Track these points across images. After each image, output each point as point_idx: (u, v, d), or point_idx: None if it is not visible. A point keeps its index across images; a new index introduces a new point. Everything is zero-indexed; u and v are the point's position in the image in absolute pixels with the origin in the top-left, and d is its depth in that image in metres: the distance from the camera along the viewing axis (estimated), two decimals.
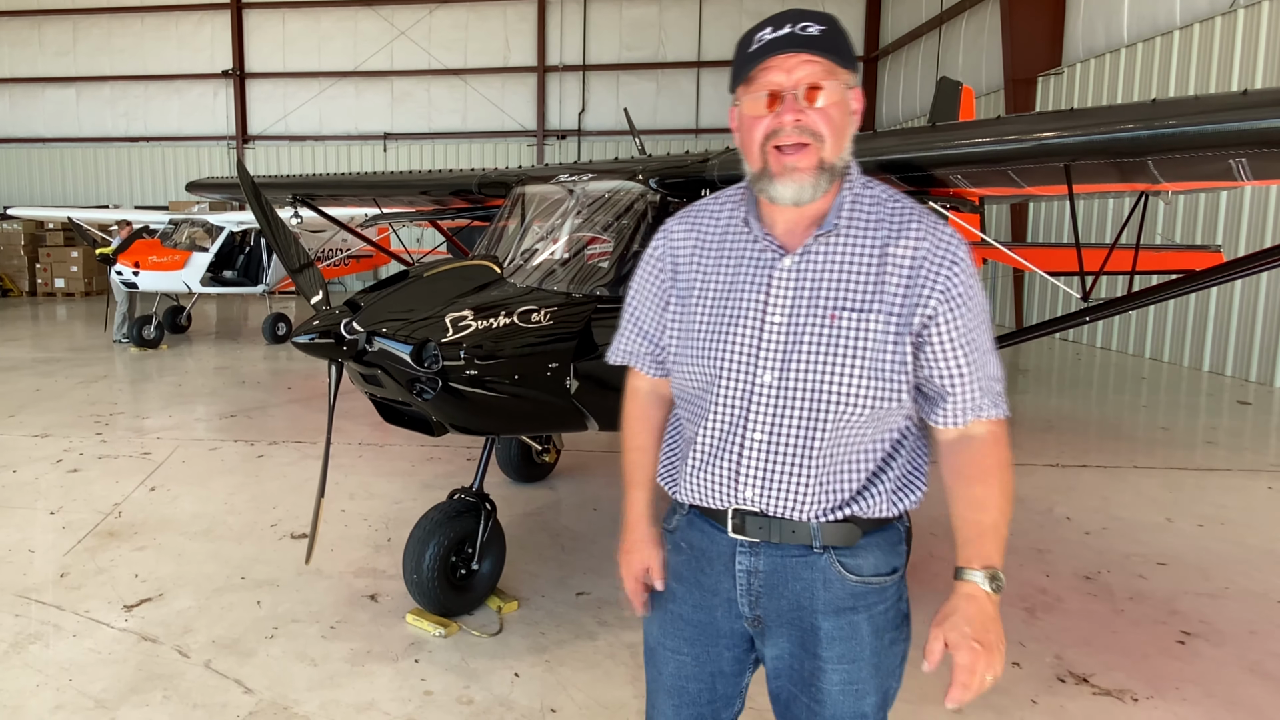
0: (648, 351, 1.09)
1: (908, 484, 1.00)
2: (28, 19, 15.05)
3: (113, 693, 2.05)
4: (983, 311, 0.95)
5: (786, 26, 0.89)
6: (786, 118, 0.89)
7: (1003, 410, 0.97)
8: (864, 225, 0.95)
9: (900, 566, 1.01)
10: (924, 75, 11.93)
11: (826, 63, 0.89)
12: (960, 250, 0.93)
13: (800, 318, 0.93)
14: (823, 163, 0.91)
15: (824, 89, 0.89)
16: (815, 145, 0.90)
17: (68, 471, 3.95)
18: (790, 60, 0.89)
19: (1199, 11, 7.08)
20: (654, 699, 1.10)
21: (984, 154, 2.22)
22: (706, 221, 1.04)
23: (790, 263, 0.95)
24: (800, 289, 0.94)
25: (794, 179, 0.90)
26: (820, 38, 0.89)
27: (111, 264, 7.65)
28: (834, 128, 0.90)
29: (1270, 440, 4.88)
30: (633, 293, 1.10)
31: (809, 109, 0.89)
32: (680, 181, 2.58)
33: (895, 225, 0.94)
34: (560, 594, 2.62)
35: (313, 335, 2.04)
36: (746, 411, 0.95)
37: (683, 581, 1.05)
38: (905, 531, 1.03)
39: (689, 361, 1.00)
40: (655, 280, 1.06)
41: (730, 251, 1.00)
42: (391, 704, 2.01)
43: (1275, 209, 6.29)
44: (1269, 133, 1.69)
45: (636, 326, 1.09)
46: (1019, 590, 2.68)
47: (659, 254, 1.06)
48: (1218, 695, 2.07)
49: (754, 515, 0.98)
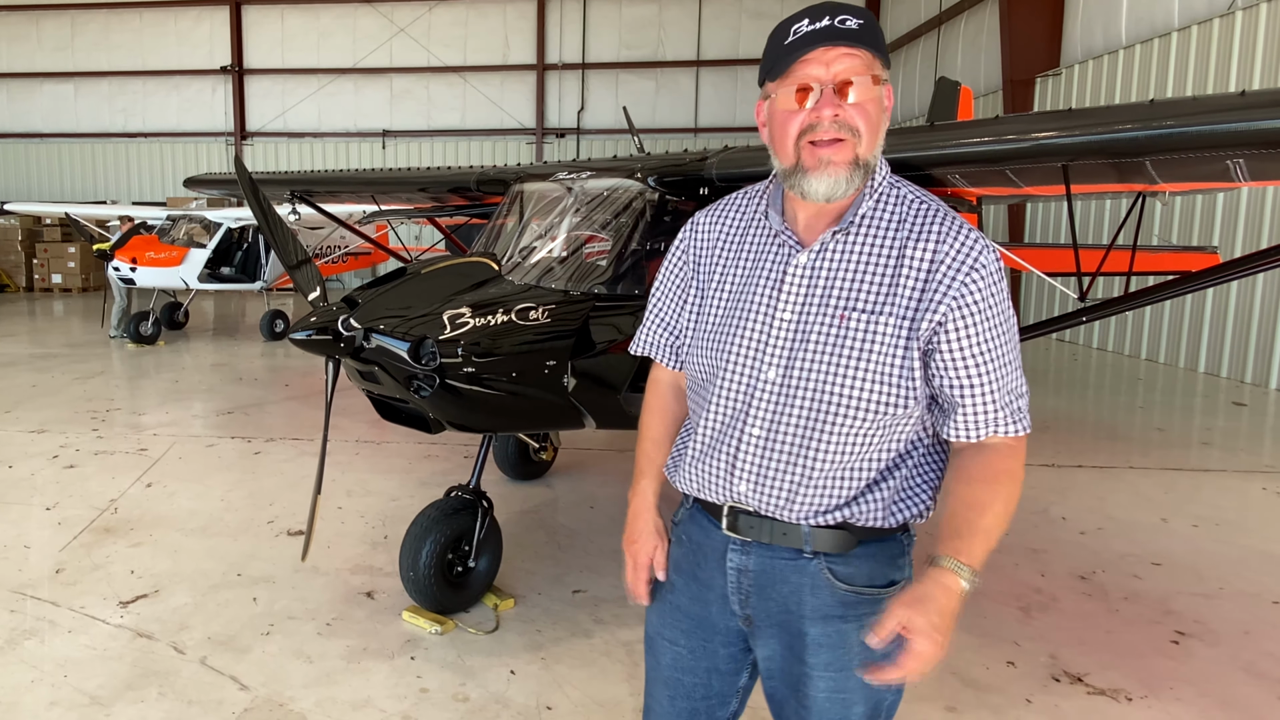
0: (668, 343, 1.09)
1: (910, 495, 0.97)
2: (25, 13, 14.98)
3: (108, 689, 2.04)
4: (1005, 322, 0.90)
5: (825, 19, 0.87)
6: (825, 112, 0.87)
7: (1024, 426, 0.92)
8: (885, 224, 0.93)
9: (901, 580, 0.98)
10: (923, 75, 11.93)
11: (866, 56, 0.87)
12: (984, 256, 0.89)
13: (811, 315, 0.92)
14: (858, 159, 0.89)
15: (862, 84, 0.87)
16: (852, 141, 0.88)
17: (64, 467, 3.94)
18: (830, 53, 0.86)
19: (1197, 13, 7.09)
20: (651, 688, 1.10)
21: (982, 154, 2.22)
22: (731, 215, 1.04)
23: (805, 259, 0.94)
24: (814, 286, 0.93)
25: (829, 173, 0.88)
26: (860, 31, 0.87)
27: (109, 260, 7.63)
28: (870, 123, 0.88)
29: (1265, 442, 4.89)
30: (657, 284, 1.10)
31: (846, 104, 0.87)
32: (678, 180, 2.59)
33: (917, 226, 0.92)
34: (557, 591, 2.62)
35: (310, 332, 2.04)
36: (748, 406, 0.95)
37: (682, 573, 1.06)
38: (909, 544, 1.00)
39: (698, 351, 1.01)
40: (678, 272, 1.07)
41: (751, 245, 0.99)
42: (387, 701, 2.01)
43: (1271, 211, 6.30)
44: (1266, 133, 1.70)
45: (659, 318, 1.09)
46: (1014, 590, 2.68)
47: (684, 246, 1.07)
48: (1211, 695, 2.08)
49: (747, 514, 0.97)
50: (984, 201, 4.72)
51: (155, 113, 15.22)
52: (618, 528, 3.37)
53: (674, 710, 1.06)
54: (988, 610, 2.53)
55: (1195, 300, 7.04)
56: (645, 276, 2.50)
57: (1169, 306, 7.36)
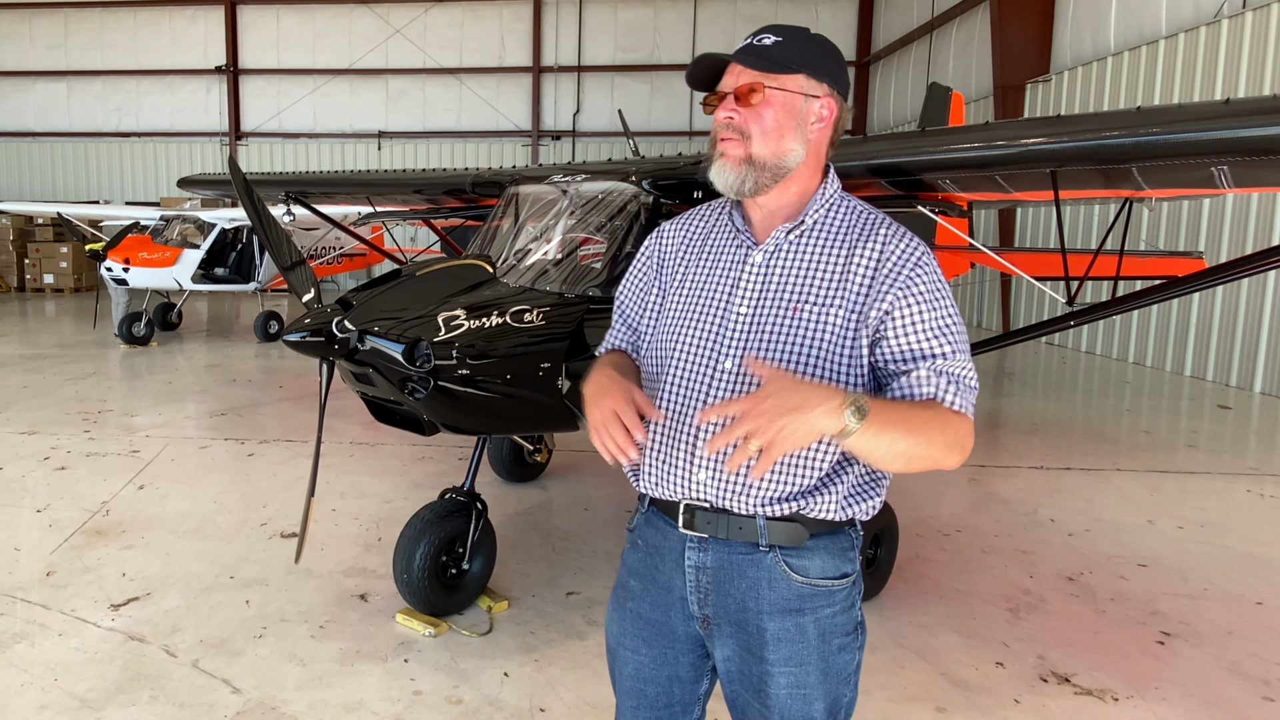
0: (630, 341, 1.14)
1: (864, 491, 1.00)
2: (18, 11, 14.89)
3: (99, 692, 2.03)
4: (947, 314, 0.95)
5: (750, 39, 1.00)
6: (720, 115, 1.00)
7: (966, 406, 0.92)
8: (835, 229, 1.01)
9: (851, 573, 1.01)
10: (915, 80, 12.01)
11: (769, 69, 0.97)
12: (924, 256, 0.96)
13: (765, 309, 0.98)
14: (750, 157, 0.97)
15: (761, 92, 0.96)
16: (741, 141, 0.97)
17: (55, 469, 3.91)
18: (737, 67, 0.98)
19: (1184, 21, 7.20)
20: (618, 699, 1.11)
21: (972, 159, 2.25)
22: (696, 223, 1.11)
23: (761, 258, 1.01)
24: (768, 282, 0.99)
25: (722, 164, 0.99)
26: (771, 47, 0.97)
27: (101, 260, 7.58)
28: (763, 127, 0.97)
29: (1249, 444, 4.96)
30: (621, 287, 1.16)
31: (741, 108, 0.97)
32: (673, 183, 2.60)
33: (865, 231, 0.99)
34: (550, 594, 2.63)
35: (304, 333, 2.04)
36: (705, 396, 0.98)
37: (641, 579, 1.07)
38: (857, 539, 1.03)
39: (654, 344, 1.06)
40: (641, 275, 1.14)
41: (712, 247, 1.06)
42: (380, 704, 2.01)
43: (1256, 217, 6.39)
44: (1250, 141, 1.73)
45: (622, 318, 1.15)
46: (1003, 591, 2.71)
47: (649, 252, 1.14)
48: (1196, 695, 2.11)
49: (703, 510, 0.99)
50: (975, 206, 4.78)
51: (149, 112, 15.14)
52: (613, 530, 3.38)
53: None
54: (977, 611, 2.56)
55: (1181, 305, 7.13)
56: None
57: (1156, 311, 7.45)
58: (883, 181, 2.47)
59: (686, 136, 14.24)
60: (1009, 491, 3.80)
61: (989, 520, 3.42)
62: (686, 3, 14.02)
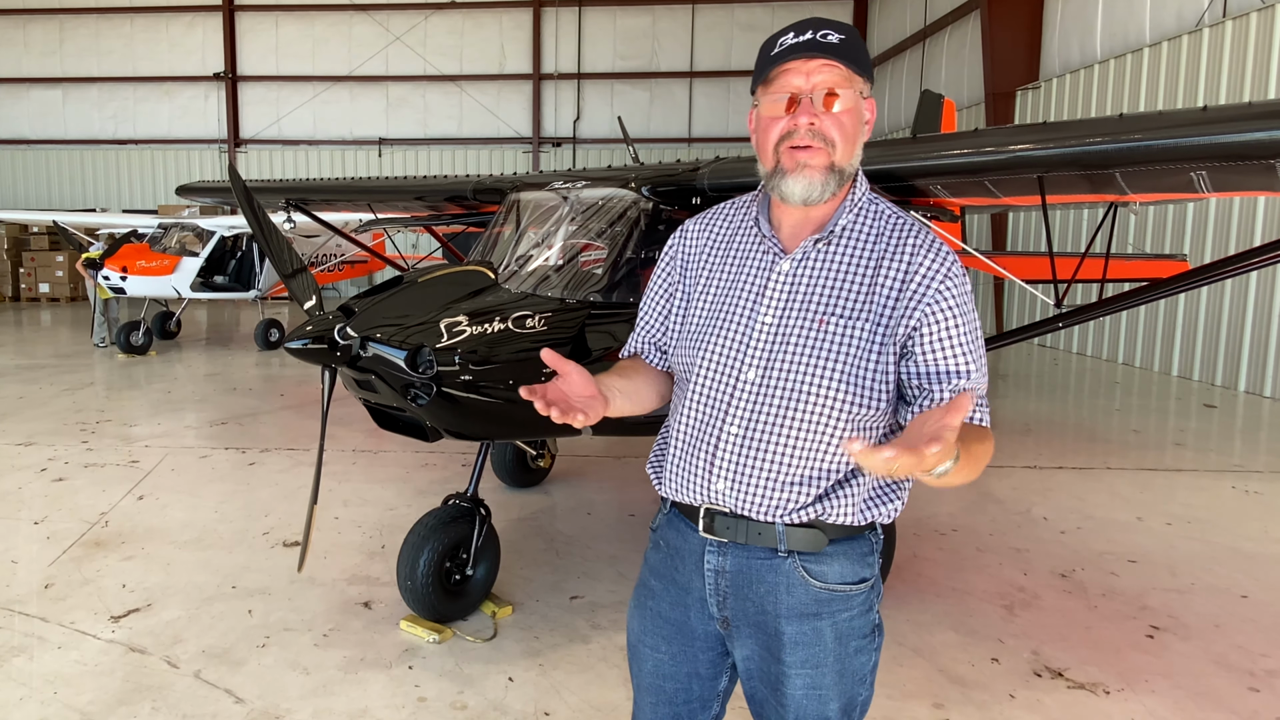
0: (655, 342, 1.12)
1: (883, 495, 1.00)
2: (12, 18, 14.82)
3: (99, 705, 2.01)
4: (972, 327, 0.95)
5: (809, 33, 0.93)
6: (802, 120, 0.92)
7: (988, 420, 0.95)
8: (864, 236, 0.98)
9: (870, 577, 1.01)
10: (908, 87, 12.15)
11: (844, 69, 0.92)
12: (953, 268, 0.95)
13: (791, 320, 0.96)
14: (833, 165, 0.94)
15: (839, 95, 0.92)
16: (826, 149, 0.93)
17: (52, 480, 3.89)
18: (810, 64, 0.92)
19: (1167, 30, 7.37)
20: (636, 695, 1.12)
21: (961, 165, 2.31)
22: (720, 223, 1.08)
23: (788, 266, 0.98)
24: (795, 292, 0.97)
25: (805, 175, 0.93)
26: (840, 45, 0.92)
27: (98, 269, 7.56)
28: (845, 134, 0.93)
29: (1234, 442, 5.03)
30: (647, 289, 1.14)
31: (824, 114, 0.92)
32: (671, 190, 2.64)
33: (894, 240, 0.97)
34: (554, 598, 2.64)
35: (306, 340, 2.05)
36: (727, 406, 0.98)
37: (661, 579, 1.08)
38: (877, 543, 1.02)
39: (682, 351, 1.05)
40: (665, 276, 1.12)
41: (736, 250, 1.04)
42: (385, 711, 2.01)
43: (1238, 221, 6.51)
44: (1225, 147, 1.77)
45: (643, 320, 1.14)
46: (998, 588, 2.75)
47: (672, 253, 1.11)
48: (1185, 687, 2.15)
49: (723, 515, 0.99)
50: (967, 211, 4.85)
51: (146, 119, 15.10)
52: (616, 534, 3.40)
53: (656, 716, 1.08)
54: (973, 608, 2.60)
55: (1168, 306, 7.24)
56: (640, 285, 2.55)
57: (1144, 312, 7.56)
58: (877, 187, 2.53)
59: (685, 143, 14.31)
60: (1003, 491, 3.84)
61: (984, 519, 3.46)
62: (685, 10, 14.11)
